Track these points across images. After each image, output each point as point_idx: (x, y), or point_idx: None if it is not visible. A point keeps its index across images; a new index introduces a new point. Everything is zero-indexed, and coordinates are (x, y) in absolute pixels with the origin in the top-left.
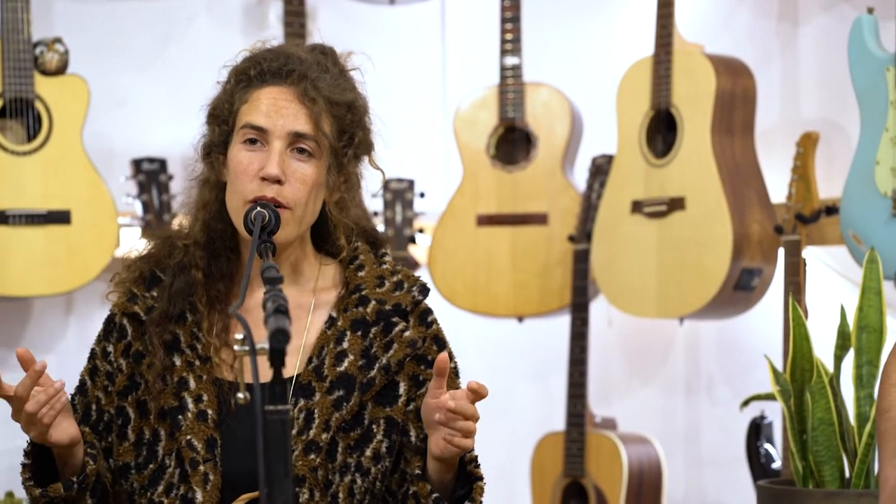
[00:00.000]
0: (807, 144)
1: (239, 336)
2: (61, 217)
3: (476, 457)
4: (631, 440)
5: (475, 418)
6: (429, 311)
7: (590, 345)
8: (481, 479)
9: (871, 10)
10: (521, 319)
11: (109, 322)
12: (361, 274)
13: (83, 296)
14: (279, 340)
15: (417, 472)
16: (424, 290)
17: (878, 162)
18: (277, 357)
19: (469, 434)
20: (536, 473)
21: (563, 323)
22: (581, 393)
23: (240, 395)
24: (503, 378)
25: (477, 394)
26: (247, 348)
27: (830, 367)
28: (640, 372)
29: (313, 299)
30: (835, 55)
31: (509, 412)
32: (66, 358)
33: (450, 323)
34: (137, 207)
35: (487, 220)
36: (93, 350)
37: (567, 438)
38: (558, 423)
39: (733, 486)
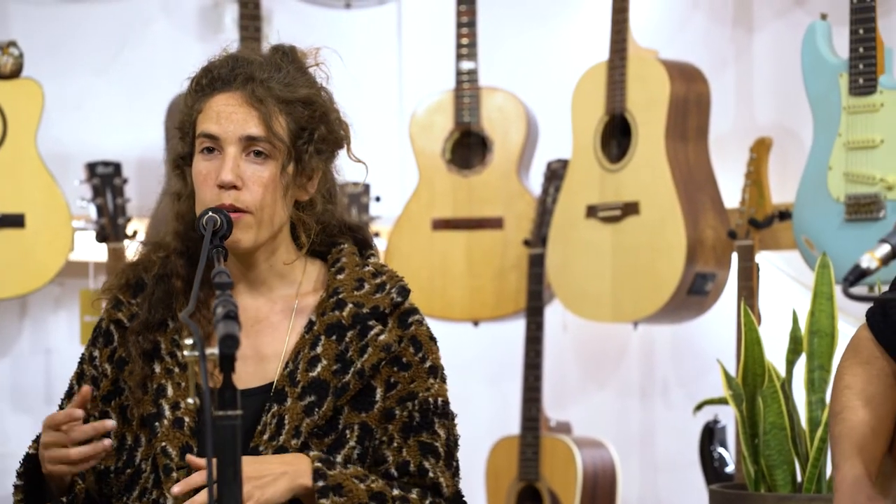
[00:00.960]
0: (760, 150)
1: (189, 341)
2: (15, 220)
3: (324, 487)
4: (585, 444)
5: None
6: (410, 313)
7: (545, 349)
8: None
9: (824, 16)
10: (476, 323)
11: (97, 328)
12: (341, 277)
13: (37, 299)
14: (228, 346)
15: None
16: (404, 292)
17: (830, 167)
18: (226, 363)
19: None
20: (491, 477)
21: (518, 327)
22: (536, 397)
23: (189, 400)
24: (458, 382)
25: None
26: (197, 354)
27: (783, 372)
28: (594, 376)
29: (296, 303)
30: (789, 61)
31: (464, 416)
32: (21, 361)
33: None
34: (92, 211)
35: (443, 225)
36: (82, 355)
37: (522, 442)
38: (513, 427)
39: (688, 489)
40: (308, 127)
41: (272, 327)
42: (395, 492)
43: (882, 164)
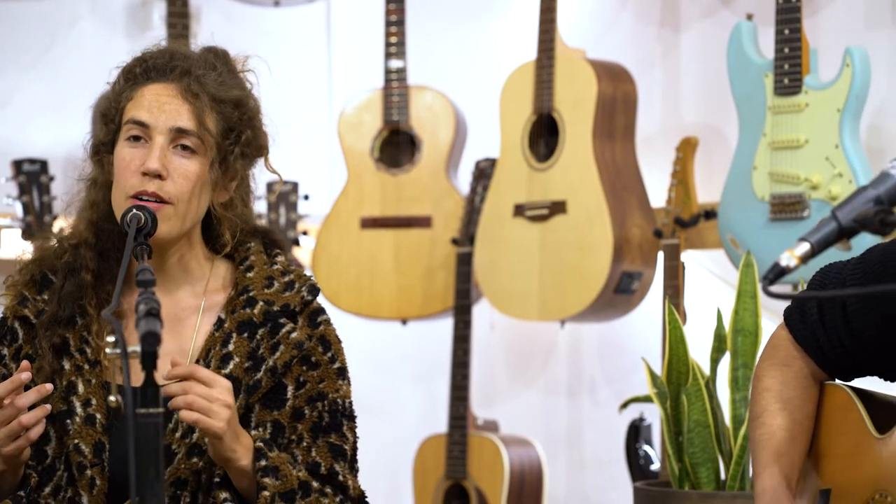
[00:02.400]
0: (686, 149)
1: (111, 339)
2: None
3: (265, 466)
4: (512, 442)
5: (206, 395)
6: (319, 312)
7: (472, 347)
8: (266, 489)
9: (750, 17)
10: (404, 322)
11: (2, 325)
12: (250, 275)
13: None
14: (149, 344)
15: (217, 479)
16: (314, 291)
17: (755, 167)
18: (148, 360)
19: (192, 406)
20: (419, 475)
21: (446, 326)
22: (463, 395)
23: (111, 398)
24: (387, 380)
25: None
26: (118, 351)
27: (708, 370)
28: (522, 374)
29: (203, 301)
30: (715, 61)
31: (393, 414)
32: None
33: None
34: (18, 209)
35: (371, 223)
36: None
37: (449, 441)
38: (441, 425)
39: (614, 487)
40: (236, 128)
41: (179, 324)
42: (315, 484)
43: (806, 163)
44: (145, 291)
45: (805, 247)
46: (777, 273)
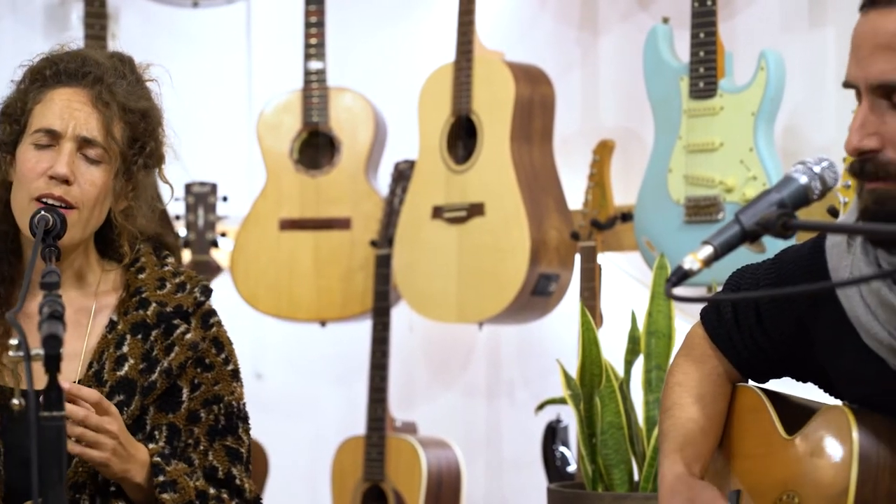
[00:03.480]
0: (603, 152)
1: (14, 341)
2: None
3: (164, 482)
4: (430, 444)
5: (95, 427)
6: (211, 313)
7: (391, 349)
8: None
9: (666, 20)
10: (323, 324)
11: None
12: (142, 276)
13: None
14: (52, 346)
15: (113, 489)
16: (206, 292)
17: (670, 170)
18: (52, 363)
19: (92, 442)
20: (337, 477)
21: (365, 327)
22: (382, 397)
23: (14, 401)
24: (306, 382)
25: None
26: (21, 354)
27: (622, 372)
28: (441, 376)
29: (95, 303)
30: (633, 64)
31: (312, 416)
32: None
33: (252, 327)
34: None
35: (290, 225)
36: None
37: (367, 443)
38: (360, 427)
39: (533, 488)
40: (141, 139)
41: (70, 327)
42: (212, 490)
43: (721, 166)
44: (50, 294)
45: (708, 250)
46: (680, 276)
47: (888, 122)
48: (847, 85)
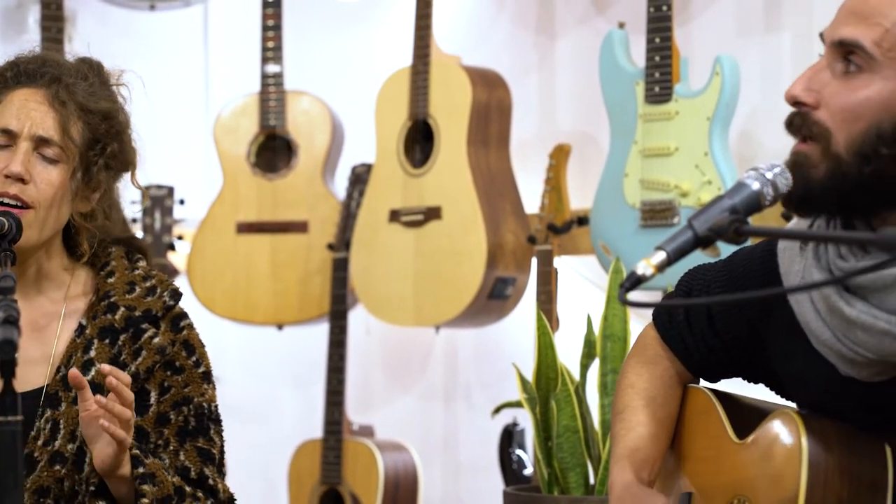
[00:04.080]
0: (559, 156)
1: None
2: None
3: (143, 473)
4: (387, 447)
5: (127, 402)
6: (182, 316)
7: (348, 353)
8: (144, 496)
9: (622, 25)
10: (280, 327)
11: None
12: (111, 280)
13: None
14: (6, 352)
15: (93, 488)
16: (176, 295)
17: (626, 174)
18: (6, 368)
19: (124, 420)
20: (294, 481)
21: (322, 331)
22: (339, 401)
23: None
24: (263, 385)
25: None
26: None
27: (578, 375)
28: (398, 379)
29: (64, 307)
30: (590, 68)
31: (269, 419)
32: None
33: (209, 331)
34: None
35: (247, 228)
36: None
37: (324, 446)
38: (317, 430)
39: (489, 492)
40: (102, 140)
41: (39, 330)
42: (188, 488)
43: (676, 171)
44: (5, 298)
45: (661, 256)
46: (633, 282)
47: (832, 85)
48: (821, 36)
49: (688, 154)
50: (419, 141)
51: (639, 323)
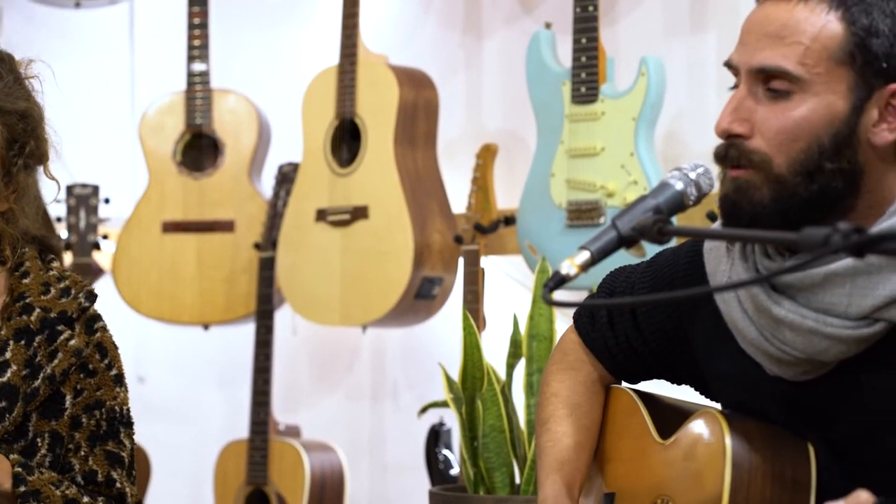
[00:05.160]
0: (486, 156)
1: None
2: None
3: (25, 492)
4: (314, 448)
5: None
6: (96, 318)
7: (275, 353)
8: None
9: (548, 25)
10: (206, 327)
11: None
12: (26, 281)
13: None
14: None
15: None
16: (91, 297)
17: (553, 174)
18: None
19: None
20: (220, 481)
21: (248, 330)
22: (265, 401)
23: None
24: (189, 385)
25: None
26: None
27: (504, 375)
28: (325, 379)
29: None
30: (517, 68)
31: (195, 420)
32: None
33: (135, 330)
34: None
35: (173, 227)
36: None
37: (250, 446)
38: (244, 430)
39: (416, 491)
40: (20, 140)
41: None
42: (86, 499)
43: (602, 171)
44: None
45: (585, 255)
46: (557, 281)
47: (761, 111)
48: (728, 65)
49: (614, 154)
50: (346, 140)
51: (565, 323)
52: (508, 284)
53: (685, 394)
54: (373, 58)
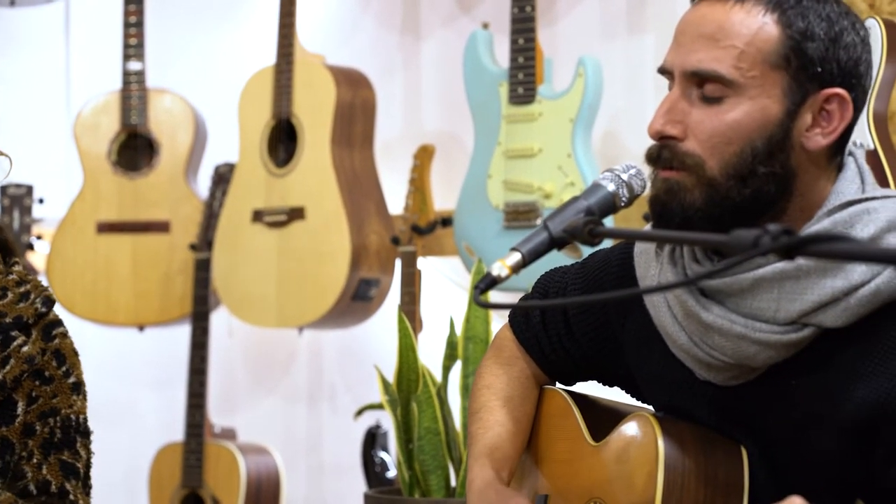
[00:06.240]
0: (423, 157)
1: None
2: None
3: None
4: (249, 450)
5: None
6: (54, 324)
7: (211, 354)
8: None
9: (486, 25)
10: (141, 328)
11: None
12: None
13: None
14: None
15: None
16: (49, 302)
17: (490, 175)
18: None
19: None
20: (154, 484)
21: (184, 332)
22: (200, 403)
23: None
24: (124, 387)
25: None
26: None
27: (441, 377)
28: (262, 382)
29: None
30: (455, 68)
31: (131, 422)
32: None
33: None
34: None
35: (108, 228)
36: None
37: (185, 449)
38: (179, 433)
39: (353, 494)
40: None
41: None
42: None
43: (539, 172)
44: None
45: (516, 257)
46: (488, 283)
47: (694, 113)
48: (662, 70)
49: (551, 155)
50: (283, 140)
51: (501, 324)
52: (446, 286)
53: (618, 396)
54: (310, 58)
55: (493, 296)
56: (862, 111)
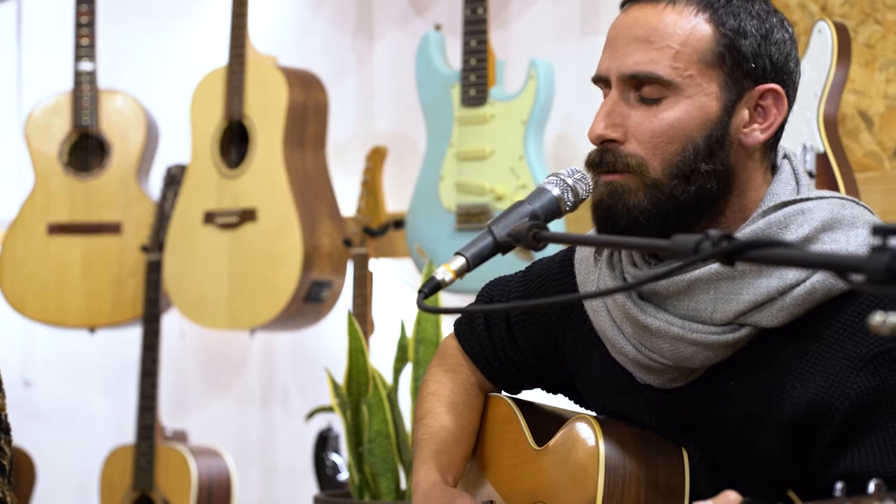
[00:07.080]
0: (375, 159)
1: None
2: None
3: None
4: (201, 453)
5: None
6: None
7: (162, 356)
8: None
9: (438, 27)
10: (92, 330)
11: None
12: None
13: None
14: None
15: None
16: None
17: (442, 177)
18: None
19: None
20: (105, 487)
21: (135, 334)
22: (151, 405)
23: None
24: (75, 389)
25: None
26: None
27: (392, 380)
28: (214, 384)
29: None
30: (407, 70)
31: (81, 424)
32: None
33: (20, 334)
34: None
35: (59, 229)
36: None
37: (136, 451)
38: (130, 435)
39: (305, 496)
40: None
41: None
42: None
43: (492, 174)
44: None
45: (460, 261)
46: (432, 287)
47: (634, 116)
48: (596, 80)
49: (503, 157)
50: (235, 142)
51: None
52: (398, 287)
53: (563, 403)
54: (262, 58)
55: (445, 298)
56: (793, 107)
